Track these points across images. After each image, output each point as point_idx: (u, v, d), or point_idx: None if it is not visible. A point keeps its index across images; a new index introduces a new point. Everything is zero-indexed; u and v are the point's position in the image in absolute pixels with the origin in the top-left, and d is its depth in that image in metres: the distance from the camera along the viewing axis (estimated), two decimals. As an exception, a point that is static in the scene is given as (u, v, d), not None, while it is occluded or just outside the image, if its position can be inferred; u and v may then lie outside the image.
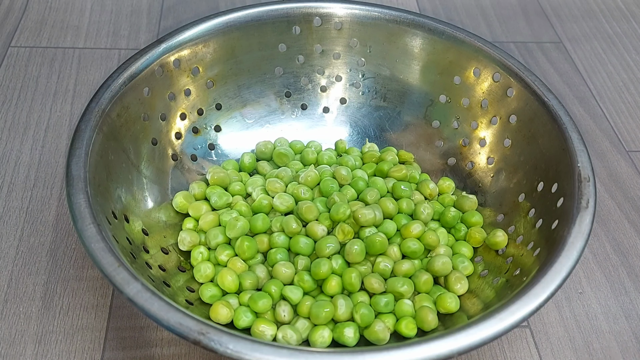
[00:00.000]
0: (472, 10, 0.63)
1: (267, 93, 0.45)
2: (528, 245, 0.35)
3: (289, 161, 0.43)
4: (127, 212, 0.34)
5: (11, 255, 0.39)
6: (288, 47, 0.43)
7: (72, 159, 0.31)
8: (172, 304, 0.26)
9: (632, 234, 0.44)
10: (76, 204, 0.29)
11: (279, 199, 0.38)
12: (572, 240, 0.30)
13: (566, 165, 0.34)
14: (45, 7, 0.58)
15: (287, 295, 0.33)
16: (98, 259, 0.28)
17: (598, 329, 0.38)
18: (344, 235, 0.36)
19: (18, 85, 0.50)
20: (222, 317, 0.32)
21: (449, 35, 0.41)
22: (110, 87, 0.35)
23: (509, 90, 0.39)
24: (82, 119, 0.34)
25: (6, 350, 0.34)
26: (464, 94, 0.42)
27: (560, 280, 0.28)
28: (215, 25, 0.40)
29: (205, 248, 0.37)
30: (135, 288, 0.27)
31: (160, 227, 0.37)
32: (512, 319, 0.27)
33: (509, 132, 0.40)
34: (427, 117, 0.44)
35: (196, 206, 0.38)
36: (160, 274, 0.33)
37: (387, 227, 0.37)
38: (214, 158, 0.43)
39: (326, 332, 0.32)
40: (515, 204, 0.38)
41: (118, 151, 0.36)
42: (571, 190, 0.32)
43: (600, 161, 0.49)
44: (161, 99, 0.39)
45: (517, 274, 0.33)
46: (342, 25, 0.43)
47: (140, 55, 0.38)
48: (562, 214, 0.32)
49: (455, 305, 0.34)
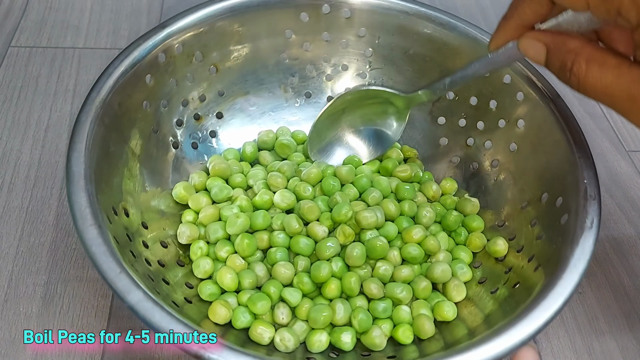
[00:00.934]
0: (472, 10, 0.63)
1: (271, 80, 0.44)
2: (529, 257, 0.34)
3: (291, 152, 0.42)
4: (127, 206, 0.34)
5: (11, 255, 0.39)
6: (295, 34, 0.42)
7: (72, 154, 0.30)
8: (174, 314, 0.26)
9: (632, 234, 0.44)
10: (77, 204, 0.29)
11: (280, 196, 0.38)
12: (574, 262, 0.29)
13: (572, 179, 0.33)
14: (45, 7, 0.58)
15: (286, 298, 0.33)
16: (99, 263, 0.27)
17: (598, 329, 0.38)
18: (344, 237, 0.36)
19: (18, 85, 0.50)
20: (221, 318, 0.32)
21: (461, 30, 0.40)
22: (112, 75, 0.34)
23: (519, 94, 0.38)
24: (82, 110, 0.32)
25: (6, 350, 0.34)
26: (472, 92, 0.41)
27: (563, 301, 0.28)
28: (221, 9, 0.39)
29: (205, 242, 0.37)
30: (137, 297, 0.26)
31: (159, 218, 0.37)
32: (507, 343, 0.27)
33: (515, 136, 0.39)
34: (433, 113, 0.43)
35: (196, 198, 0.38)
36: (159, 270, 0.33)
37: (388, 229, 0.37)
38: (215, 146, 0.42)
39: (324, 337, 0.32)
40: (517, 211, 0.38)
41: (119, 142, 0.35)
42: (576, 208, 0.32)
43: (600, 161, 0.48)
44: (163, 86, 0.38)
45: (517, 287, 0.33)
46: (351, 13, 0.42)
47: (142, 41, 0.36)
48: (565, 232, 0.32)
49: (453, 314, 0.34)
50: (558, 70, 0.29)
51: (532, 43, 0.30)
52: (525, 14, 0.30)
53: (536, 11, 0.30)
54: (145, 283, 0.28)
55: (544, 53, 0.29)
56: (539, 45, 0.30)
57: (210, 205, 0.38)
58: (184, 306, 0.32)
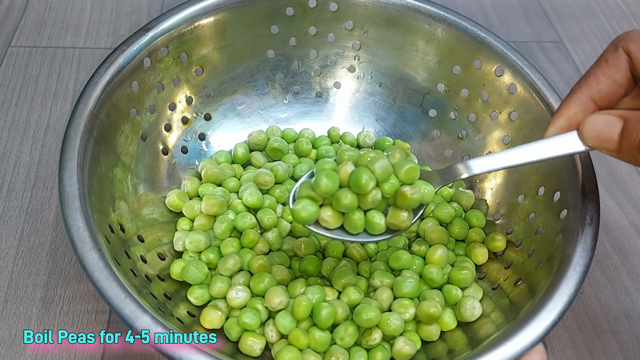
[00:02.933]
0: (473, 10, 0.63)
1: (258, 77, 0.43)
2: (529, 253, 0.34)
3: (283, 155, 0.42)
4: (122, 221, 0.33)
5: (11, 255, 0.39)
6: (281, 29, 0.42)
7: (64, 173, 0.29)
8: (182, 337, 0.26)
9: (632, 234, 0.44)
10: (74, 227, 0.28)
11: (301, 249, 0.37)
12: (577, 259, 0.29)
13: (570, 175, 0.33)
14: (45, 7, 0.57)
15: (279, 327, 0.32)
16: (104, 289, 0.26)
17: (598, 328, 0.38)
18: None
19: (18, 85, 0.50)
20: (215, 323, 0.32)
21: (451, 22, 0.40)
22: (97, 84, 0.33)
23: (512, 86, 0.38)
24: (70, 125, 0.31)
25: (6, 351, 0.34)
26: (463, 84, 0.41)
27: (568, 299, 0.28)
28: (204, 7, 0.38)
29: (197, 253, 0.36)
30: (145, 322, 0.26)
31: (154, 229, 0.36)
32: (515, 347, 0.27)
33: (509, 129, 0.39)
34: (424, 106, 0.43)
35: (190, 206, 0.37)
36: (161, 287, 0.33)
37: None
38: (205, 149, 0.42)
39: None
40: (513, 204, 0.38)
41: (109, 154, 0.34)
42: (575, 204, 0.32)
43: (600, 161, 0.48)
44: (150, 91, 0.37)
45: (518, 284, 0.33)
46: (338, 6, 0.41)
47: (126, 46, 0.35)
48: (566, 228, 0.32)
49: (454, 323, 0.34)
50: (637, 144, 0.24)
51: (604, 117, 0.25)
52: (597, 82, 0.26)
53: (612, 77, 0.26)
54: (149, 303, 0.27)
55: (619, 126, 0.25)
56: (612, 118, 0.25)
57: (204, 215, 0.37)
58: (187, 319, 0.32)
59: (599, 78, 0.26)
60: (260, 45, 0.42)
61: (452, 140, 0.42)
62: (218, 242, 0.36)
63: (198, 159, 0.41)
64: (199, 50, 0.40)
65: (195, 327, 0.32)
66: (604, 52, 0.27)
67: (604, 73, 0.26)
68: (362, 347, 0.32)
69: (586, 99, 0.27)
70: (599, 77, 0.26)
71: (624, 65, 0.26)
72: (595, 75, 0.27)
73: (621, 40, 0.26)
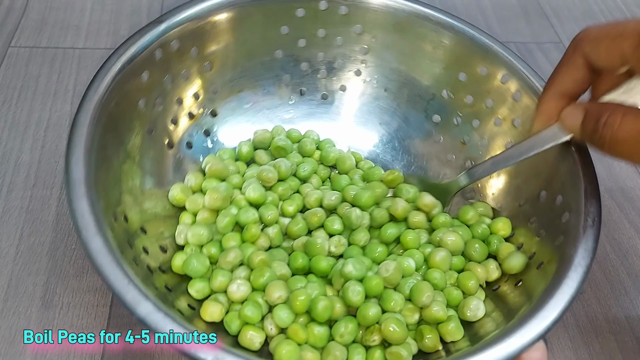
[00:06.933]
0: (472, 11, 0.63)
1: (266, 77, 0.43)
2: (529, 255, 0.34)
3: (287, 154, 0.42)
4: (125, 211, 0.33)
5: (11, 254, 0.39)
6: (290, 30, 0.42)
7: (71, 158, 0.29)
8: (185, 325, 0.26)
9: (632, 234, 0.44)
10: (79, 212, 0.27)
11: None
12: (578, 260, 0.29)
13: (572, 178, 0.33)
14: (45, 7, 0.58)
15: (276, 322, 0.32)
16: (106, 274, 0.26)
17: (598, 329, 0.38)
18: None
19: (18, 85, 0.50)
20: (216, 316, 0.32)
21: (458, 30, 0.40)
22: (109, 71, 0.33)
23: (517, 94, 0.38)
24: (79, 110, 0.31)
25: (6, 350, 0.34)
26: (468, 91, 0.41)
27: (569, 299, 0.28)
28: (220, 2, 0.38)
29: (199, 247, 0.36)
30: (147, 309, 0.26)
31: (157, 222, 0.36)
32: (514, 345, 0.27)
33: (512, 135, 0.39)
34: (428, 111, 0.43)
35: (193, 200, 0.37)
36: (162, 279, 0.33)
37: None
38: (209, 145, 0.42)
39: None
40: (515, 208, 0.38)
41: (116, 144, 0.34)
42: (577, 206, 0.32)
43: (600, 161, 0.49)
44: (159, 84, 0.37)
45: (519, 285, 0.33)
46: (348, 10, 0.41)
47: (139, 36, 0.35)
48: (567, 231, 0.32)
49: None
50: (591, 130, 0.28)
51: (571, 110, 0.29)
52: (563, 81, 0.30)
53: (573, 76, 0.29)
54: (151, 291, 0.27)
55: (581, 116, 0.29)
56: (577, 111, 0.29)
57: (206, 209, 0.37)
58: (190, 313, 0.32)
59: (563, 78, 0.30)
60: (270, 45, 0.42)
61: (455, 145, 0.42)
62: (220, 237, 0.36)
63: (202, 155, 0.41)
64: (210, 46, 0.40)
65: (195, 319, 0.32)
66: (565, 53, 0.30)
67: (567, 73, 0.30)
68: (361, 345, 0.32)
69: (557, 95, 0.31)
70: (562, 77, 0.30)
71: (582, 64, 0.29)
72: (560, 75, 0.30)
73: (578, 41, 0.29)
